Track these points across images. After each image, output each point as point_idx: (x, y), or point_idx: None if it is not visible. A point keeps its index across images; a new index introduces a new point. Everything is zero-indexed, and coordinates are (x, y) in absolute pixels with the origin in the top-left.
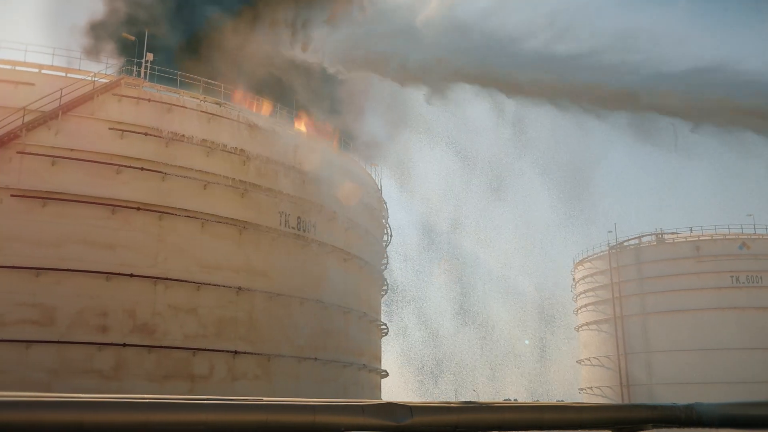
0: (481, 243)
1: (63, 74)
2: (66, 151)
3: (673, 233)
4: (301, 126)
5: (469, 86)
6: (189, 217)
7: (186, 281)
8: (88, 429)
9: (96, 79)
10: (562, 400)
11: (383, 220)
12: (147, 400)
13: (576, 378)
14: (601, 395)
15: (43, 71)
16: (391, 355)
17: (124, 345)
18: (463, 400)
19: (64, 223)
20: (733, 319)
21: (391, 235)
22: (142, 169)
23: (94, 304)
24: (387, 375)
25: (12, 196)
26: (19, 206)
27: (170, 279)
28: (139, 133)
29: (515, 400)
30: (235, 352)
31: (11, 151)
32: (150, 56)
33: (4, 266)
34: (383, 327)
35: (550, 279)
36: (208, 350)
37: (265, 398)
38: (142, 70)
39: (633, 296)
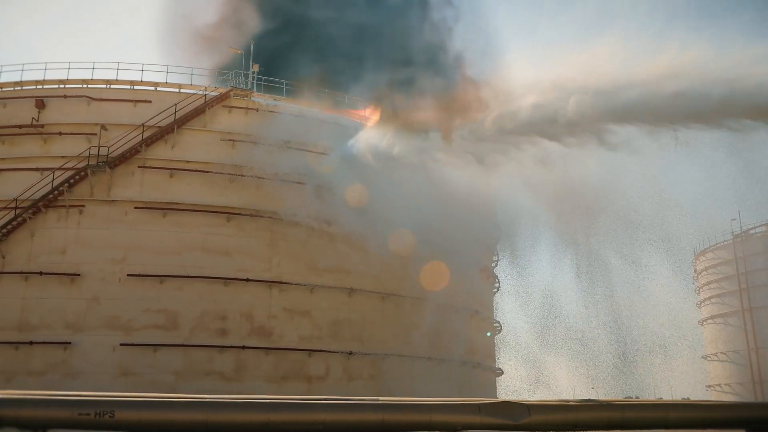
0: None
1: (177, 90)
2: (182, 163)
3: None
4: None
5: None
6: (300, 222)
7: (299, 284)
8: (213, 428)
9: (207, 92)
10: (687, 398)
11: (492, 218)
12: (268, 401)
13: (701, 375)
14: (731, 393)
15: (159, 89)
16: (506, 353)
17: (243, 347)
18: (582, 398)
19: (183, 231)
20: None
21: (502, 232)
22: (253, 176)
23: (214, 309)
24: (502, 373)
25: (135, 208)
26: (142, 217)
27: (284, 282)
28: (249, 141)
29: (636, 397)
30: (350, 353)
31: (133, 165)
32: (256, 67)
33: (132, 274)
34: (496, 324)
35: (668, 270)
36: (323, 351)
37: (381, 398)
38: (249, 80)
39: (762, 287)
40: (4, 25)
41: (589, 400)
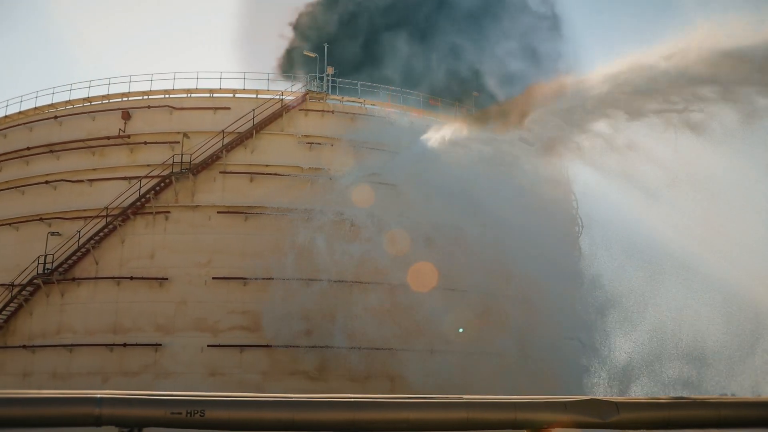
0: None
1: (254, 96)
2: (261, 167)
3: None
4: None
5: None
6: (378, 221)
7: (380, 283)
8: (299, 426)
9: (283, 97)
10: None
11: (573, 211)
12: (353, 399)
13: None
14: None
15: (237, 95)
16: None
17: (326, 347)
18: (673, 395)
19: (264, 234)
20: None
21: (583, 226)
22: (330, 179)
23: (297, 309)
24: (588, 370)
25: (218, 213)
26: (224, 222)
27: (365, 282)
28: (326, 144)
29: (732, 395)
30: (431, 351)
31: (214, 171)
32: (330, 70)
33: (217, 277)
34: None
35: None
36: (406, 350)
37: (465, 396)
38: (325, 83)
39: None
40: (92, 43)
41: (681, 398)
